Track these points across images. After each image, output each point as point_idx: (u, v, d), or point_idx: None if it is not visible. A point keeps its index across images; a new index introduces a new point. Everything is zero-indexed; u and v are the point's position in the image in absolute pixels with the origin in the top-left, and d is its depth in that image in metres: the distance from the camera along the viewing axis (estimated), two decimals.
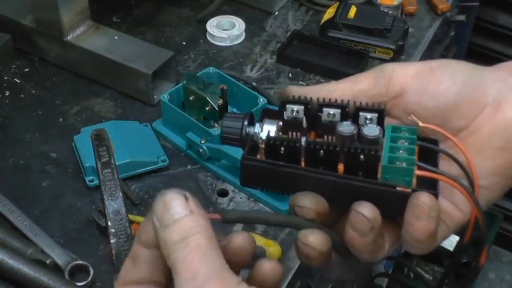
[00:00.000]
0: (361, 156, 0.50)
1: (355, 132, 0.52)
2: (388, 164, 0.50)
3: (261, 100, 1.07)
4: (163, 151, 1.07)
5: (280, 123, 0.53)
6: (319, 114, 0.53)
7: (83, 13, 1.19)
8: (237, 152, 1.01)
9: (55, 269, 0.89)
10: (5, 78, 1.21)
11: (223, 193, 1.03)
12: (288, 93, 0.55)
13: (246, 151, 0.52)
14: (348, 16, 1.31)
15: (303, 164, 0.51)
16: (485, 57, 1.96)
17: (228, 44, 1.32)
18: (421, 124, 0.53)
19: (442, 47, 1.63)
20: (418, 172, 0.50)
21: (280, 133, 0.53)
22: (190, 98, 1.05)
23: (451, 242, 1.88)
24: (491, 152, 0.54)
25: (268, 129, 0.53)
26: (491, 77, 0.55)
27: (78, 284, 0.87)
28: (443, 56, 1.67)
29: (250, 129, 0.53)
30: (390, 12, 1.35)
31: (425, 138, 0.54)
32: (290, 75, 1.26)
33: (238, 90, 1.10)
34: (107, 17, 1.35)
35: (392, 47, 1.28)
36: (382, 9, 1.36)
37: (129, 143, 1.04)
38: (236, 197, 1.03)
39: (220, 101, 1.04)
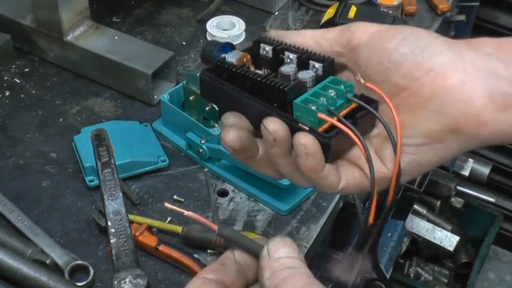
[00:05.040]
0: (274, 89, 0.55)
1: (291, 73, 0.57)
2: (300, 103, 0.55)
3: None
4: (163, 151, 1.07)
5: (249, 56, 0.60)
6: (282, 56, 0.59)
7: (83, 13, 1.19)
8: None
9: (55, 269, 0.89)
10: (5, 78, 1.21)
11: (223, 193, 1.03)
12: (267, 35, 0.62)
13: (206, 67, 0.59)
14: (348, 16, 1.30)
15: (243, 89, 0.57)
16: None
17: None
18: (362, 82, 0.57)
19: None
20: (320, 115, 0.54)
21: (250, 64, 0.60)
22: (190, 98, 1.05)
23: (451, 242, 1.88)
24: (425, 113, 0.55)
25: (232, 57, 0.59)
26: (446, 46, 0.56)
27: (78, 284, 0.88)
28: None
29: (222, 54, 0.60)
30: (390, 12, 1.35)
31: (366, 97, 0.57)
32: None
33: None
34: (107, 17, 1.35)
35: None
36: (382, 9, 1.36)
37: (129, 143, 1.05)
38: (236, 197, 1.03)
39: None
